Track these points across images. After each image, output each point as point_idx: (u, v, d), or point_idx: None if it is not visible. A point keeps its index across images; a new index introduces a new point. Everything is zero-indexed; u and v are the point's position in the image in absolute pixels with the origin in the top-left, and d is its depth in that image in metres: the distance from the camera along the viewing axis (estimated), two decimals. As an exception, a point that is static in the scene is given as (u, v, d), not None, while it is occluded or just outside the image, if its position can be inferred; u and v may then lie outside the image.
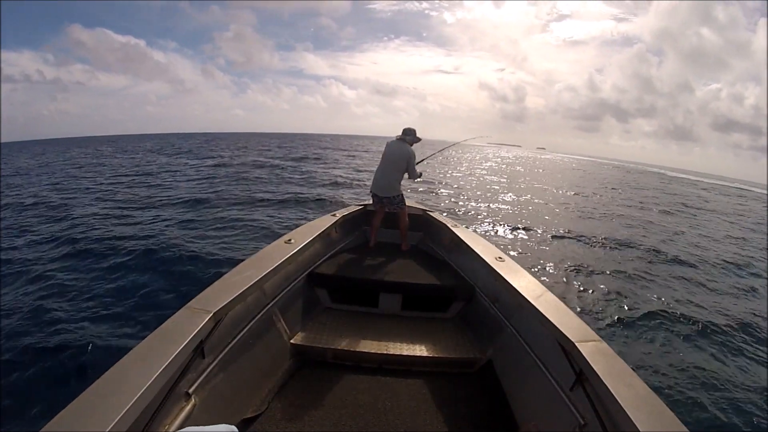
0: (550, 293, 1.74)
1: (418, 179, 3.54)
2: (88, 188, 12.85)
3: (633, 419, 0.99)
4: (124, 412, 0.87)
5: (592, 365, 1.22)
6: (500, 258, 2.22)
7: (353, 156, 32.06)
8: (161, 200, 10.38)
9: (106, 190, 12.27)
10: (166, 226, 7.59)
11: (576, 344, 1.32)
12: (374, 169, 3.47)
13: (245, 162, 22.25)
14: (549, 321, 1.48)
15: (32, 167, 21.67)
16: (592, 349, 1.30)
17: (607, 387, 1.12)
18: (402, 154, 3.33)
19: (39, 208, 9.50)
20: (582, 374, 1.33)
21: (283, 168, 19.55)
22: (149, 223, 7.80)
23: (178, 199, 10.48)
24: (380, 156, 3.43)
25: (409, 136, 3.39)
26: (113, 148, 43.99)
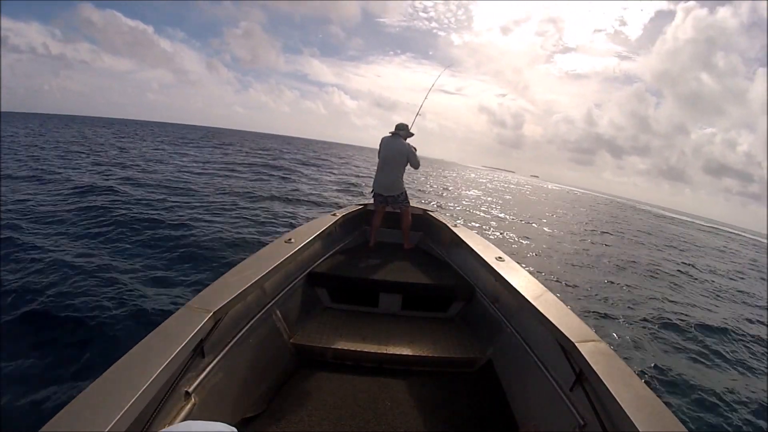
0: (550, 293, 1.73)
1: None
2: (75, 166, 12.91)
3: (633, 419, 0.99)
4: (123, 411, 0.86)
5: (591, 365, 1.21)
6: (500, 258, 2.22)
7: (358, 165, 32.32)
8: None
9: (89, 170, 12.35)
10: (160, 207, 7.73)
11: (576, 344, 1.32)
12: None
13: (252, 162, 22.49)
14: (549, 321, 1.48)
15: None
16: (592, 349, 1.29)
17: (606, 387, 1.12)
18: (401, 150, 3.33)
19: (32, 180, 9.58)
20: (582, 374, 1.33)
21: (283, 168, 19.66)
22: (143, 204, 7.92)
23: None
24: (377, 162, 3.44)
25: (402, 130, 3.38)
26: (111, 131, 43.81)
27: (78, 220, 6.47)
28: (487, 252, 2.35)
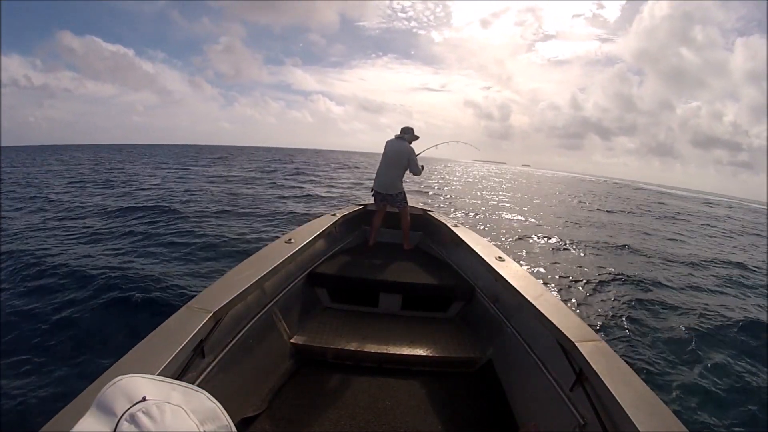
0: (550, 293, 1.74)
1: (422, 175, 3.58)
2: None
3: (633, 419, 0.99)
4: None
5: (592, 365, 1.21)
6: (500, 258, 2.22)
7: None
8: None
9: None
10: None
11: (576, 344, 1.32)
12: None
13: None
14: (549, 321, 1.48)
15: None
16: (592, 349, 1.29)
17: (607, 387, 1.12)
18: (401, 151, 3.39)
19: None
20: (582, 374, 1.33)
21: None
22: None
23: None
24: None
25: (407, 134, 3.46)
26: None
27: (75, 231, 6.61)
28: (487, 252, 2.35)
